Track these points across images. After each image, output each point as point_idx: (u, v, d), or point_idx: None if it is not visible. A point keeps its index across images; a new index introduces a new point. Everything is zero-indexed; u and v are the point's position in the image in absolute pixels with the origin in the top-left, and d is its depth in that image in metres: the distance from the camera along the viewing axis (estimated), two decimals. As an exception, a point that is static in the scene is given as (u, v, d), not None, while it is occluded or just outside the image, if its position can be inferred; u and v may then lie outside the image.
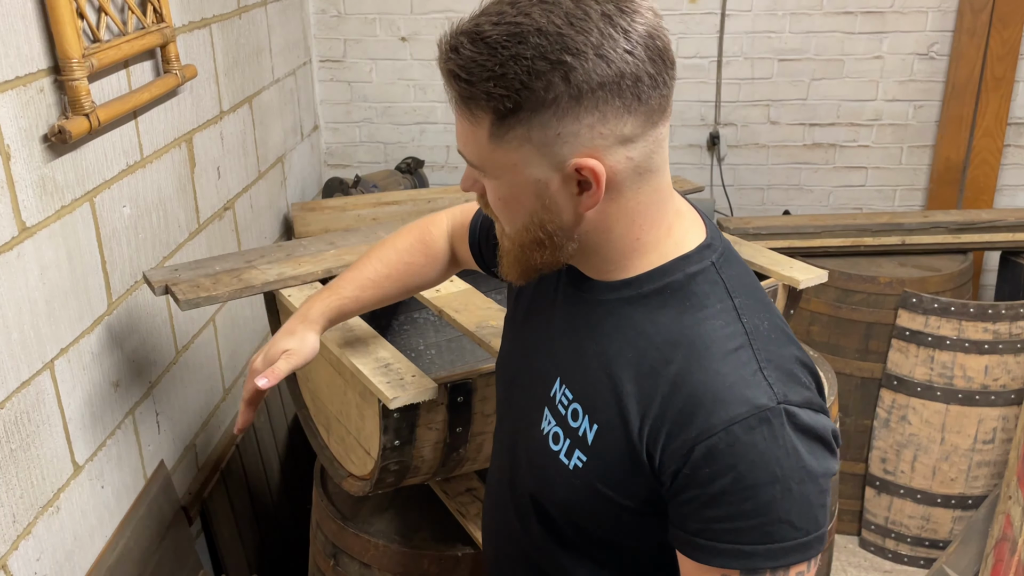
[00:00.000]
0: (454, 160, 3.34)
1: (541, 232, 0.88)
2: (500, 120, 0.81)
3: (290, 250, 1.78)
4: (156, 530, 1.78)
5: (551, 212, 0.87)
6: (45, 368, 1.46)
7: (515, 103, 0.80)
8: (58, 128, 1.43)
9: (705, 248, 0.91)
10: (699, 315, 0.87)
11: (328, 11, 3.16)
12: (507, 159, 0.84)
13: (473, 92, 0.81)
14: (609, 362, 0.90)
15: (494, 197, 0.89)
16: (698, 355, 0.84)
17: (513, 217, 0.89)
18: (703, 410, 0.82)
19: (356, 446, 1.53)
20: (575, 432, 0.92)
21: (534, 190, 0.85)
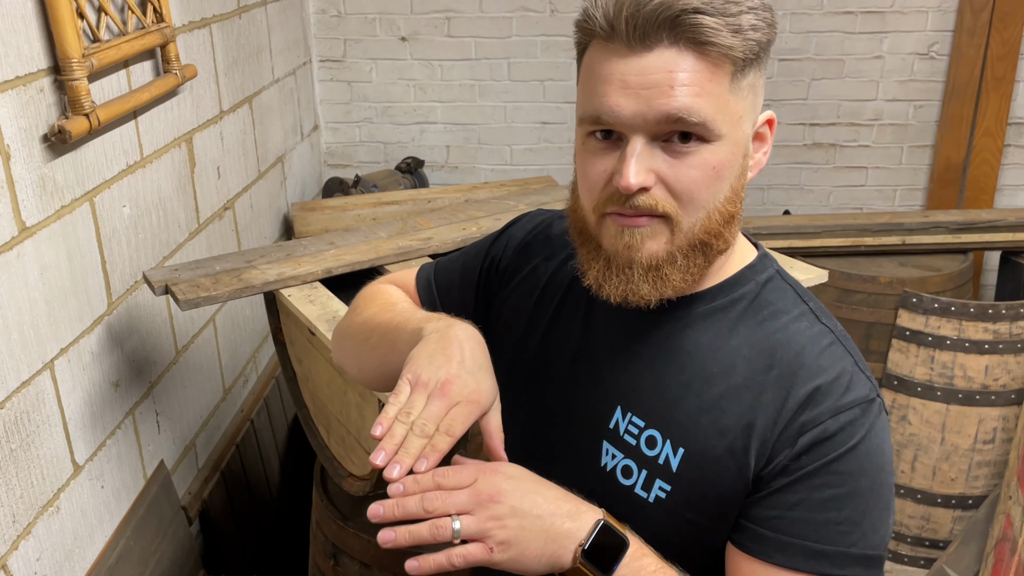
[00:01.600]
0: (454, 160, 3.34)
1: (737, 201, 0.81)
2: (749, 61, 0.76)
3: (290, 250, 1.78)
4: (156, 530, 1.78)
5: (743, 177, 0.81)
6: (45, 368, 1.46)
7: (768, 39, 0.77)
8: (58, 128, 1.43)
9: (764, 257, 0.90)
10: (781, 321, 0.85)
11: (328, 11, 3.16)
12: (737, 109, 0.77)
13: (737, 24, 0.73)
14: (691, 381, 0.84)
15: (702, 170, 0.77)
16: (796, 355, 0.82)
17: (716, 191, 0.78)
18: (812, 401, 0.80)
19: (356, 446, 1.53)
20: (653, 461, 0.85)
21: (743, 148, 0.79)
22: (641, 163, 0.76)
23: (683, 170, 0.77)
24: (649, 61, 0.73)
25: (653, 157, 0.77)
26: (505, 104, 3.25)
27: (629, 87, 0.74)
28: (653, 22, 0.72)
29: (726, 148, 0.77)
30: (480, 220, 1.96)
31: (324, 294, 1.61)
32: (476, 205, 2.09)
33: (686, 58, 0.73)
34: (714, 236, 0.80)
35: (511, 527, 0.75)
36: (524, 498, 0.76)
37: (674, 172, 0.77)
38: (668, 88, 0.73)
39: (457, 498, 0.75)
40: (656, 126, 0.75)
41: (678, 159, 0.76)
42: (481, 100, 3.25)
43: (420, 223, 1.95)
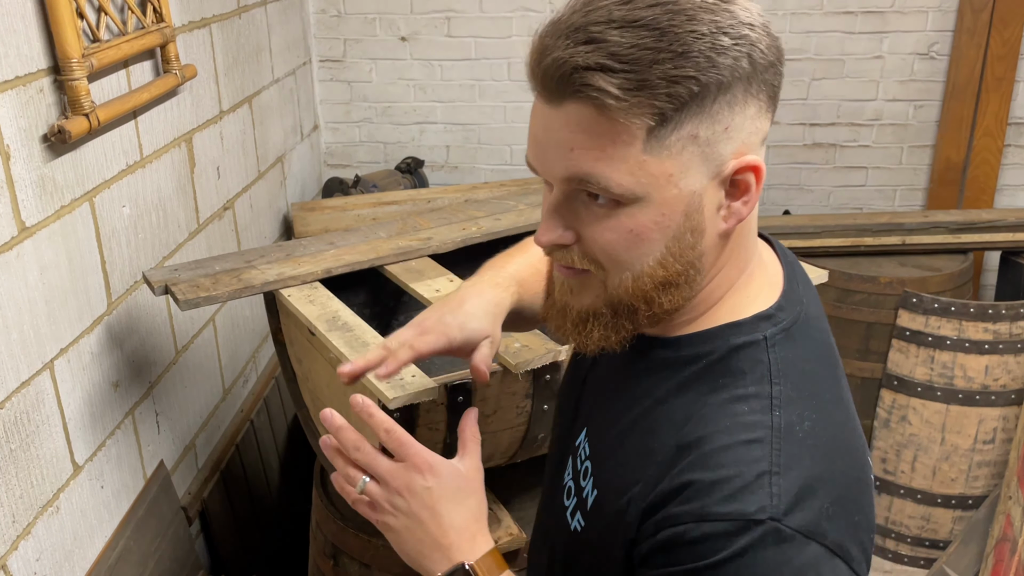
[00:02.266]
0: (454, 160, 3.34)
1: (679, 265, 0.72)
2: (674, 112, 0.66)
3: (290, 250, 1.78)
4: (156, 530, 1.78)
5: (696, 235, 0.71)
6: (45, 368, 1.46)
7: (699, 87, 0.65)
8: (58, 128, 1.43)
9: (764, 319, 0.76)
10: (726, 395, 0.73)
11: (328, 11, 3.16)
12: (661, 170, 0.68)
13: (643, 80, 0.64)
14: (626, 428, 0.79)
15: (619, 231, 0.71)
16: (707, 439, 0.71)
17: (640, 255, 0.71)
18: (683, 496, 0.70)
19: (356, 446, 1.53)
20: (580, 493, 0.82)
21: (685, 207, 0.70)
22: (557, 219, 0.73)
23: (598, 231, 0.72)
24: (556, 117, 0.69)
25: (573, 212, 0.73)
26: (505, 104, 3.25)
27: (540, 142, 0.71)
28: (552, 79, 0.67)
29: (649, 211, 0.69)
30: (480, 220, 1.96)
31: (324, 294, 1.61)
32: (476, 205, 2.09)
33: (587, 118, 0.67)
34: (643, 301, 0.73)
35: (400, 521, 0.82)
36: (425, 509, 0.81)
37: (590, 232, 0.72)
38: (567, 151, 0.69)
39: (380, 466, 0.83)
40: (565, 184, 0.71)
41: (596, 220, 0.71)
42: (481, 100, 3.25)
43: (420, 223, 1.95)
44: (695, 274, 0.73)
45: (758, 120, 0.70)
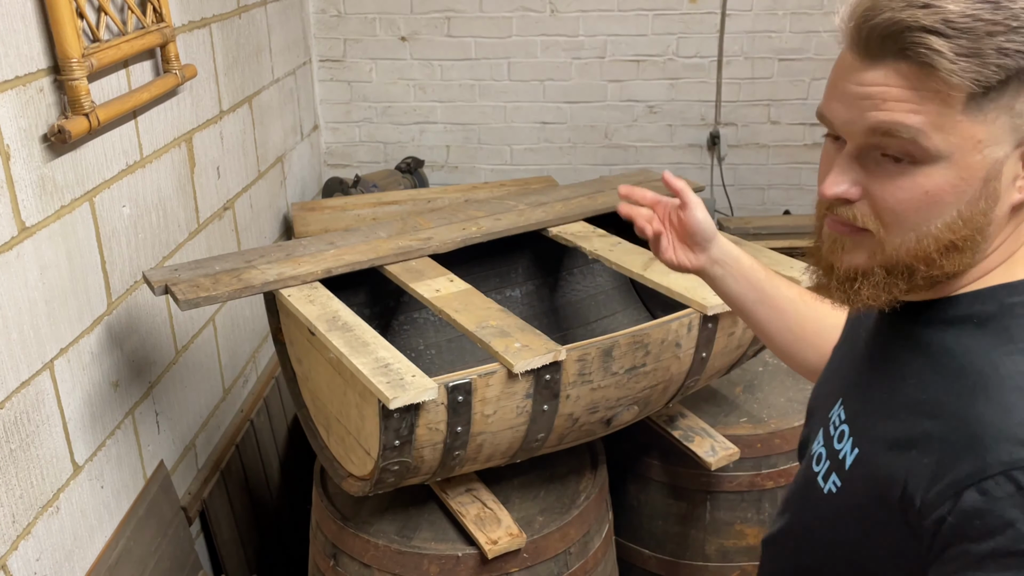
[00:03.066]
0: (454, 160, 3.34)
1: (967, 230, 0.72)
2: (994, 85, 0.69)
3: (290, 250, 1.78)
4: (156, 530, 1.78)
5: (990, 202, 0.72)
6: (45, 368, 1.46)
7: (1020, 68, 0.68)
8: (58, 128, 1.43)
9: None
10: (1003, 349, 0.72)
11: (328, 11, 3.16)
12: (972, 133, 0.70)
13: (975, 48, 0.67)
14: (891, 386, 0.79)
15: (912, 192, 0.72)
16: (987, 385, 0.70)
17: (929, 217, 0.73)
18: (980, 446, 0.67)
19: (356, 446, 1.53)
20: (836, 455, 0.83)
21: (985, 174, 0.71)
22: (845, 174, 0.75)
23: (889, 189, 0.73)
24: (871, 73, 0.71)
25: (864, 169, 0.74)
26: (505, 104, 3.25)
27: (848, 95, 0.73)
28: (879, 35, 0.70)
29: (948, 173, 0.71)
30: (480, 220, 1.96)
31: (324, 294, 1.61)
32: (476, 205, 2.09)
33: (908, 76, 0.70)
34: (923, 262, 0.74)
35: None
36: None
37: (880, 190, 0.74)
38: (880, 101, 0.71)
39: None
40: (864, 137, 0.73)
41: (888, 177, 0.73)
42: (481, 100, 3.25)
43: (420, 223, 1.95)
44: (981, 240, 0.74)
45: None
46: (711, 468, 1.79)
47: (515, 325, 1.50)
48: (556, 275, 2.28)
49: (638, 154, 3.30)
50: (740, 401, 2.03)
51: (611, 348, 1.51)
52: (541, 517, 1.68)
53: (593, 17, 3.14)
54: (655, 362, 1.59)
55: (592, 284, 2.32)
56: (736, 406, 2.01)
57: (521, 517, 1.66)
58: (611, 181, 2.27)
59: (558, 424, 1.54)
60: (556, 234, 1.93)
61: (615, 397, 1.57)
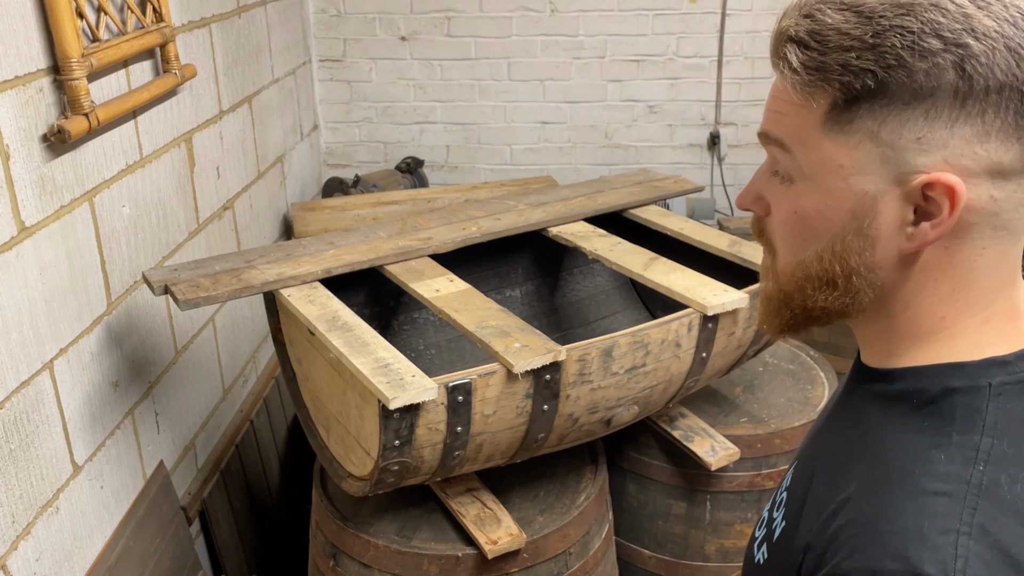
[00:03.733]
0: (454, 160, 3.34)
1: (839, 266, 0.69)
2: (847, 103, 0.65)
3: (289, 250, 1.78)
4: (156, 530, 1.78)
5: (864, 240, 0.68)
6: (44, 368, 1.45)
7: (877, 84, 0.63)
8: (57, 128, 1.43)
9: (997, 365, 0.67)
10: (925, 440, 0.66)
11: (328, 11, 3.16)
12: (834, 157, 0.67)
13: (822, 62, 0.65)
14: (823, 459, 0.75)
15: (787, 209, 0.71)
16: (890, 480, 0.65)
17: (803, 242, 0.71)
18: (849, 546, 0.64)
19: (356, 446, 1.53)
20: (771, 523, 0.79)
21: (852, 206, 0.67)
22: (752, 186, 0.75)
23: (774, 205, 0.73)
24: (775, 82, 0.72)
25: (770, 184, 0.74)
26: (505, 104, 3.25)
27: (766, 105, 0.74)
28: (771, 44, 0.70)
29: (813, 196, 0.68)
30: (480, 220, 1.96)
31: (324, 294, 1.61)
32: (476, 205, 2.09)
33: (781, 87, 0.69)
34: (797, 291, 0.72)
35: None
36: None
37: (773, 207, 0.74)
38: (767, 111, 0.72)
39: None
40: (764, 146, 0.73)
41: (774, 193, 0.73)
42: (481, 100, 3.25)
43: (420, 223, 1.95)
44: (860, 282, 0.69)
45: (977, 145, 0.63)
46: (711, 468, 1.79)
47: (515, 325, 1.50)
48: (556, 275, 2.28)
49: (638, 154, 3.30)
50: (740, 401, 2.03)
51: (611, 348, 1.51)
52: (541, 517, 1.67)
53: (593, 17, 3.14)
54: (655, 362, 1.59)
55: (592, 284, 2.32)
56: (736, 406, 2.01)
57: (521, 517, 1.65)
58: (611, 181, 2.27)
59: (558, 424, 1.54)
60: (556, 234, 1.93)
61: (615, 397, 1.57)
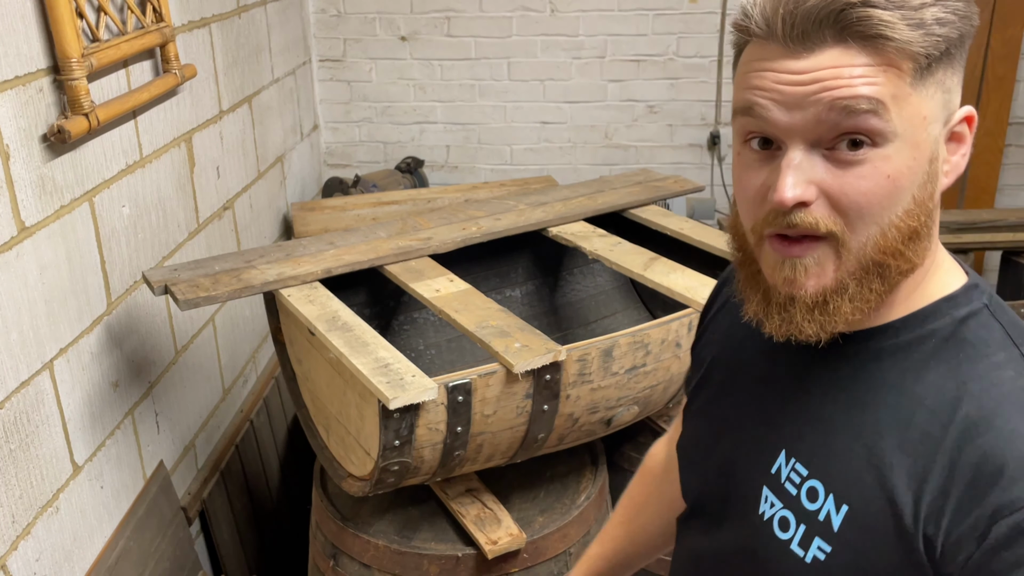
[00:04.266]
0: (454, 160, 3.34)
1: (923, 215, 0.69)
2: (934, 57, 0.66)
3: (290, 250, 1.78)
4: (156, 530, 1.78)
5: (933, 184, 0.69)
6: (44, 368, 1.45)
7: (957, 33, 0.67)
8: (57, 128, 1.43)
9: (972, 288, 0.74)
10: (981, 366, 0.69)
11: (328, 10, 3.16)
12: (919, 111, 0.67)
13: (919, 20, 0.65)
14: (861, 429, 0.73)
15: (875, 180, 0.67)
16: (990, 412, 0.67)
17: (893, 203, 0.68)
18: (1005, 478, 0.64)
19: (356, 446, 1.53)
20: (813, 516, 0.74)
21: (931, 153, 0.68)
22: (800, 174, 0.68)
23: (850, 181, 0.67)
24: (811, 62, 0.66)
25: (814, 168, 0.68)
26: (505, 104, 3.25)
27: (786, 91, 0.67)
28: (814, 19, 0.65)
29: (904, 154, 0.67)
30: (480, 220, 1.96)
31: (324, 294, 1.61)
32: (476, 205, 2.09)
33: (856, 55, 0.65)
34: (892, 256, 0.69)
35: None
36: None
37: (839, 184, 0.67)
38: (833, 80, 0.66)
39: None
40: (818, 127, 0.67)
41: (844, 169, 0.67)
42: (481, 100, 3.25)
43: (420, 223, 1.94)
44: (932, 225, 0.71)
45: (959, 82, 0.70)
46: (711, 468, 1.79)
47: (515, 325, 1.49)
48: (556, 275, 2.28)
49: (638, 154, 3.30)
50: (740, 401, 2.02)
51: (611, 348, 1.51)
52: (541, 517, 1.67)
53: (593, 17, 3.14)
54: (655, 362, 1.59)
55: (592, 284, 2.32)
56: (736, 406, 2.00)
57: (521, 517, 1.65)
58: (611, 181, 2.27)
59: (558, 424, 1.54)
60: (556, 234, 1.93)
61: (615, 397, 1.57)
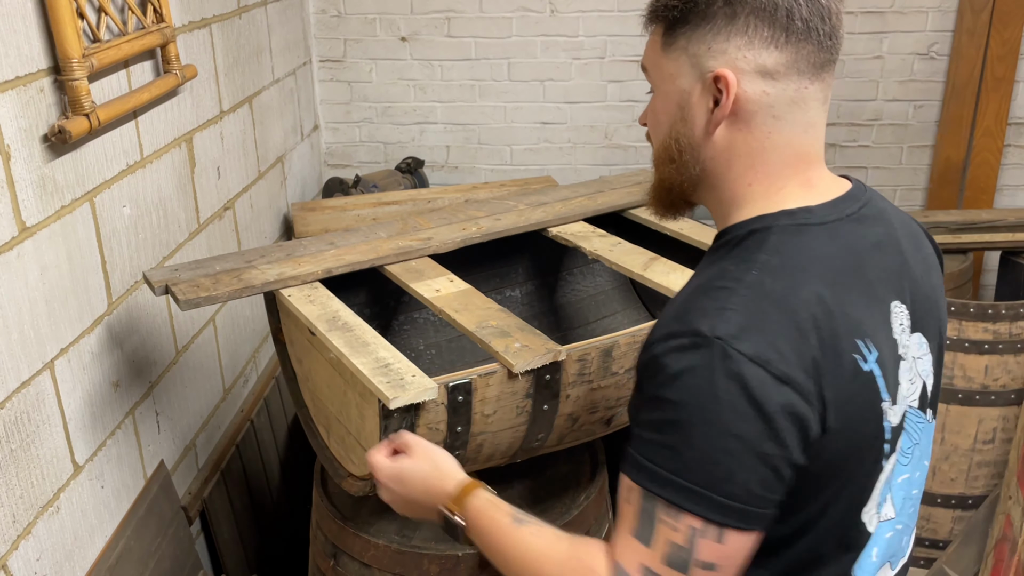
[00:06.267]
0: (454, 160, 3.34)
1: (675, 145, 0.96)
2: (669, 31, 0.94)
3: (290, 250, 1.78)
4: (156, 530, 1.78)
5: (687, 124, 0.95)
6: (45, 368, 1.46)
7: (682, 14, 0.92)
8: (58, 128, 1.43)
9: (786, 214, 0.92)
10: (725, 260, 0.92)
11: (328, 11, 3.16)
12: (668, 69, 0.95)
13: (654, 6, 0.96)
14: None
15: (652, 111, 0.99)
16: (692, 287, 0.92)
17: (658, 131, 0.98)
18: (659, 324, 0.90)
19: (356, 446, 1.53)
20: None
21: (678, 99, 0.95)
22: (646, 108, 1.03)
23: (647, 112, 1.01)
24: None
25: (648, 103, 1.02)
26: (505, 104, 3.25)
27: None
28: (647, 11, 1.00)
29: (660, 99, 0.98)
30: (480, 220, 1.96)
31: (324, 294, 1.61)
32: (476, 205, 2.09)
33: (646, 24, 0.99)
34: (656, 166, 1.00)
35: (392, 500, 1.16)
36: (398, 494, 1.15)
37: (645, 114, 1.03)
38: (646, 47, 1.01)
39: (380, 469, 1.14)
40: None
41: (648, 107, 1.02)
42: (481, 100, 3.25)
43: (420, 223, 1.95)
44: (687, 157, 0.96)
45: (747, 51, 0.90)
46: (711, 468, 1.79)
47: (515, 325, 1.50)
48: (556, 275, 2.28)
49: (638, 154, 3.31)
50: (740, 401, 2.02)
51: (611, 348, 1.51)
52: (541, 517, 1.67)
53: (593, 17, 3.14)
54: (655, 362, 1.59)
55: (592, 284, 2.32)
56: (736, 406, 2.00)
57: (521, 517, 1.65)
58: (611, 181, 2.27)
59: (558, 424, 1.54)
60: (556, 234, 1.93)
61: (615, 397, 1.58)
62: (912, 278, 0.98)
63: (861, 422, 0.89)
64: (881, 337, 0.91)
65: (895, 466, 0.95)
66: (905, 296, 0.96)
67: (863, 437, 0.90)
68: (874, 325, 0.91)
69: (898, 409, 0.93)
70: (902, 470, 0.97)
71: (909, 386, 0.95)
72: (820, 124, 0.94)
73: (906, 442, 0.96)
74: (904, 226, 1.02)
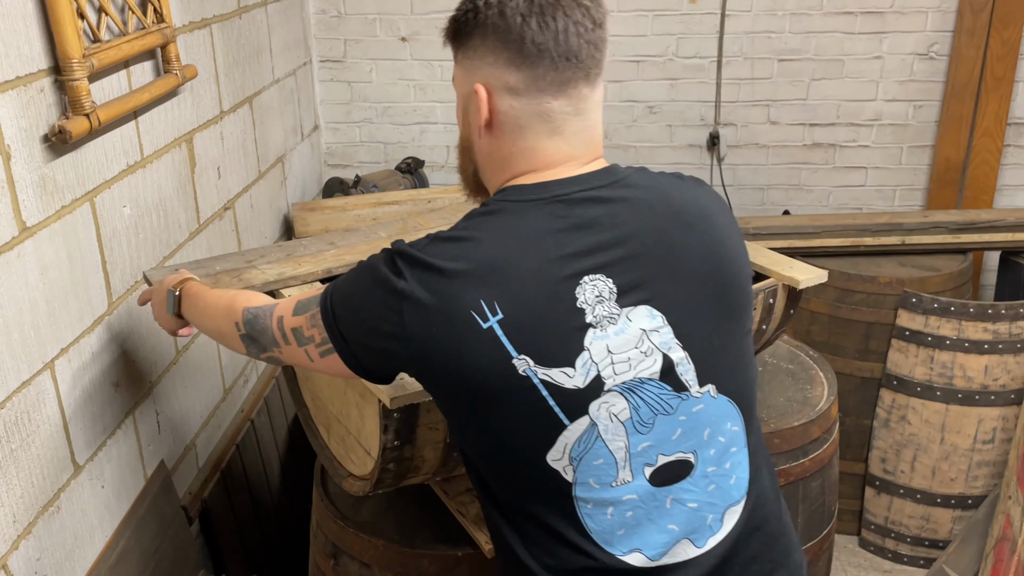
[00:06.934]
0: (454, 160, 3.33)
1: (463, 143, 1.16)
2: (453, 45, 1.12)
3: (290, 250, 1.78)
4: (156, 530, 1.78)
5: (467, 127, 1.14)
6: (45, 368, 1.46)
7: (455, 35, 1.11)
8: (58, 128, 1.43)
9: (500, 192, 1.11)
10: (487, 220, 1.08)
11: (328, 11, 3.16)
12: (456, 77, 1.13)
13: (447, 29, 1.13)
14: None
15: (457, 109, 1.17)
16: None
17: (462, 127, 1.16)
18: None
19: (356, 446, 1.53)
20: None
21: (463, 104, 1.14)
22: None
23: None
24: None
25: None
26: (505, 104, 3.25)
27: None
28: None
29: (459, 100, 1.15)
30: (480, 220, 1.96)
31: (324, 294, 1.61)
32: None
33: None
34: (459, 158, 1.19)
35: None
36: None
37: None
38: None
39: None
40: None
41: None
42: (481, 100, 3.25)
43: (420, 223, 1.95)
44: (471, 148, 1.15)
45: (496, 68, 1.06)
46: (711, 468, 1.79)
47: (515, 325, 1.49)
48: (556, 275, 2.27)
49: (638, 154, 3.31)
50: (740, 401, 2.02)
51: (611, 348, 1.51)
52: (541, 517, 1.68)
53: (593, 17, 3.14)
54: (655, 362, 1.59)
55: (592, 284, 2.31)
56: (736, 406, 2.00)
57: (521, 517, 1.66)
58: (611, 181, 2.27)
59: (558, 424, 1.54)
60: (556, 234, 1.93)
61: (615, 397, 1.57)
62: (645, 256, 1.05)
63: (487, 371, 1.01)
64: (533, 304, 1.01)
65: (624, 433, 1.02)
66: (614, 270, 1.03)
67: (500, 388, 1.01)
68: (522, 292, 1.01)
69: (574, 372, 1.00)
70: (640, 439, 1.03)
71: (621, 356, 1.02)
72: (572, 131, 1.08)
73: (645, 413, 1.03)
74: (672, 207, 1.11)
